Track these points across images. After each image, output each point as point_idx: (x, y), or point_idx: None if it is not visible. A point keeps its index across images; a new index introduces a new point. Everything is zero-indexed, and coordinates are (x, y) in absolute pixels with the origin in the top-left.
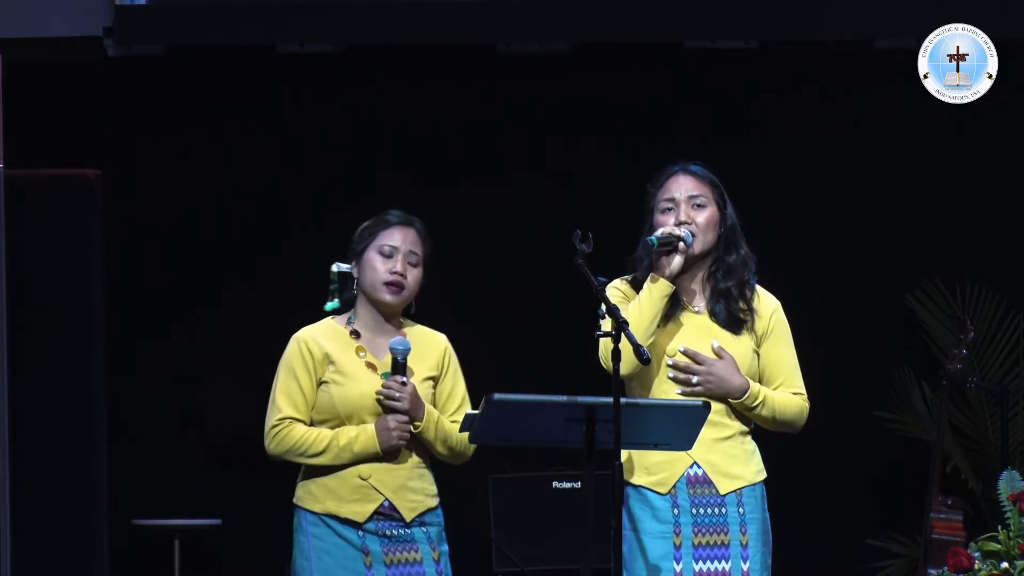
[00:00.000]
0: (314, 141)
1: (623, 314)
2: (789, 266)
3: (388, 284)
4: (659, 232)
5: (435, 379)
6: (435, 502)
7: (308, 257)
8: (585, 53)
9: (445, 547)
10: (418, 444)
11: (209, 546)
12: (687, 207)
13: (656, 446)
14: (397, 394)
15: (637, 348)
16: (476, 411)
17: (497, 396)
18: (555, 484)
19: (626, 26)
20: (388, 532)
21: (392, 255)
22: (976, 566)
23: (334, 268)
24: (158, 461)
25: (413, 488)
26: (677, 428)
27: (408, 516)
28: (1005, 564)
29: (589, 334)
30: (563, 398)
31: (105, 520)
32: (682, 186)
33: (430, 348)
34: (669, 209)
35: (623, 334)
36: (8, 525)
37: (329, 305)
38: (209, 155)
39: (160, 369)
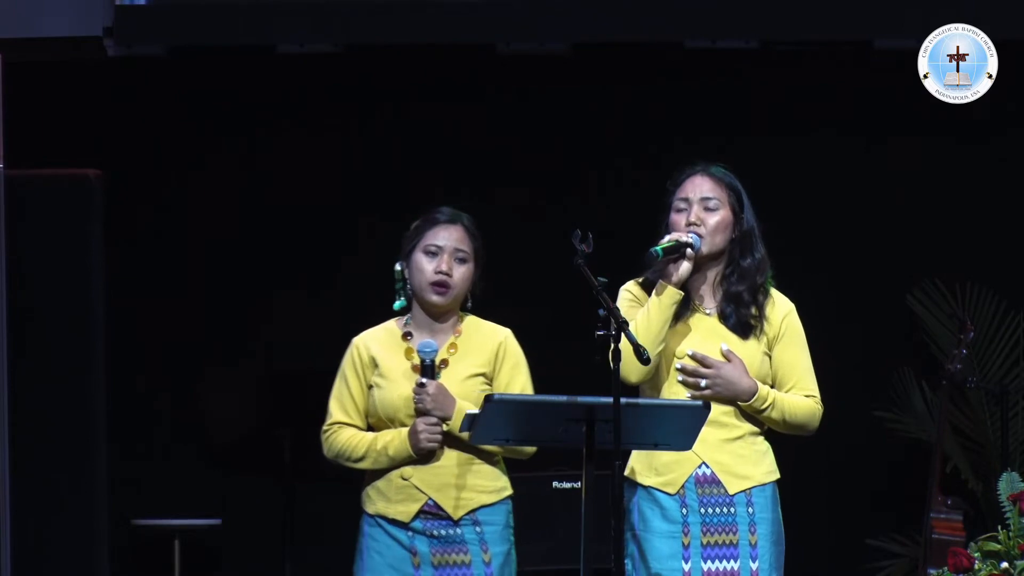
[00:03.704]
0: (313, 141)
1: (626, 316)
2: (788, 267)
3: (433, 284)
4: (663, 241)
5: (486, 375)
6: (493, 498)
7: (307, 256)
8: (585, 53)
9: (503, 547)
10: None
11: (209, 546)
12: (699, 208)
13: (656, 446)
14: (416, 397)
15: (637, 348)
16: (476, 411)
17: (497, 396)
18: (555, 484)
19: (626, 26)
20: (436, 532)
21: (437, 254)
22: (976, 566)
23: (397, 267)
24: (158, 461)
25: (461, 485)
26: (677, 428)
27: (456, 514)
28: (1005, 564)
29: (589, 334)
30: (563, 398)
31: (105, 520)
32: (698, 187)
33: (482, 343)
34: (682, 209)
35: (623, 334)
36: (8, 525)
37: (397, 304)
38: (208, 155)
39: (160, 369)
